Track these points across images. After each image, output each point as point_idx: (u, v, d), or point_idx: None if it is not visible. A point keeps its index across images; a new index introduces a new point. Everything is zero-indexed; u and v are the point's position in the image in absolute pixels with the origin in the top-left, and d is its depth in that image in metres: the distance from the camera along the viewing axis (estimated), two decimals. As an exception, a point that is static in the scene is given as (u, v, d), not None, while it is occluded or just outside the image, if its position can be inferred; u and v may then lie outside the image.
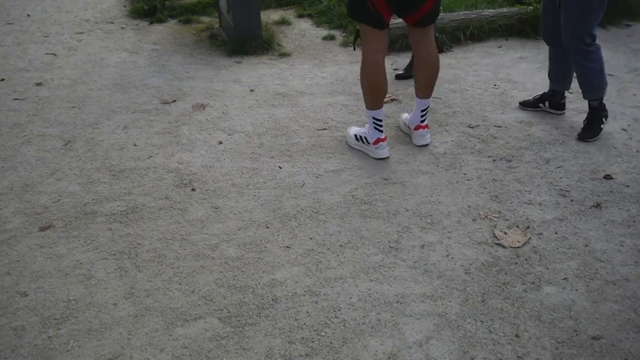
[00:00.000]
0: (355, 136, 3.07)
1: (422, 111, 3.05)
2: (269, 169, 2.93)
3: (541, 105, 3.45)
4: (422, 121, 3.07)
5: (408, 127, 3.16)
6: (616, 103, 3.55)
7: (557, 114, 3.40)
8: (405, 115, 3.24)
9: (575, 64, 3.09)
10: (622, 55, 4.32)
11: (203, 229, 2.48)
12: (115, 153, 3.10)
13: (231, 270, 2.24)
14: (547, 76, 3.40)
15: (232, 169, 2.93)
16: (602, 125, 3.15)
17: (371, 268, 2.23)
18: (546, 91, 3.44)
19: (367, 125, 3.01)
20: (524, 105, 3.51)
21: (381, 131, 2.96)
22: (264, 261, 2.28)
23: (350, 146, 3.10)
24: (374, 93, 2.88)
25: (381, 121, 2.94)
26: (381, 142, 2.96)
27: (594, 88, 3.10)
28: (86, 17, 5.56)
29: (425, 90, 3.00)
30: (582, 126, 3.17)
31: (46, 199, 2.70)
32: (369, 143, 2.99)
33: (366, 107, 2.95)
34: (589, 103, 3.15)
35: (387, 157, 2.98)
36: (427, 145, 3.10)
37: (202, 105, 3.64)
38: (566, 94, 3.44)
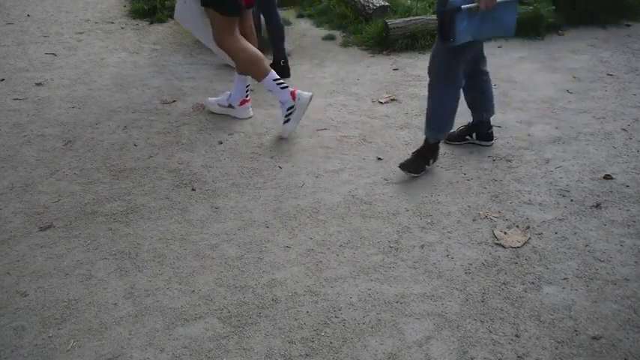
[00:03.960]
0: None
1: (247, 86, 3.40)
2: (269, 169, 2.93)
3: (468, 137, 3.09)
4: (246, 96, 3.43)
5: (230, 106, 3.44)
6: (616, 103, 3.55)
7: (486, 145, 3.07)
8: (213, 100, 3.51)
9: (433, 94, 2.75)
10: (622, 55, 4.32)
11: (203, 229, 2.48)
12: (115, 153, 3.10)
13: (231, 270, 2.24)
14: (468, 107, 3.04)
15: (232, 169, 2.93)
16: (427, 166, 2.82)
17: (371, 268, 2.23)
18: (471, 121, 3.09)
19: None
20: (450, 139, 3.08)
21: (282, 89, 3.13)
22: (264, 261, 2.29)
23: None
24: (257, 61, 3.12)
25: (279, 78, 3.15)
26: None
27: (438, 128, 2.78)
28: (86, 17, 5.56)
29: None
30: (410, 156, 2.85)
31: (46, 199, 2.71)
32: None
33: (260, 78, 3.14)
34: (426, 138, 2.82)
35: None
36: (252, 117, 3.45)
37: (202, 105, 3.64)
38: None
